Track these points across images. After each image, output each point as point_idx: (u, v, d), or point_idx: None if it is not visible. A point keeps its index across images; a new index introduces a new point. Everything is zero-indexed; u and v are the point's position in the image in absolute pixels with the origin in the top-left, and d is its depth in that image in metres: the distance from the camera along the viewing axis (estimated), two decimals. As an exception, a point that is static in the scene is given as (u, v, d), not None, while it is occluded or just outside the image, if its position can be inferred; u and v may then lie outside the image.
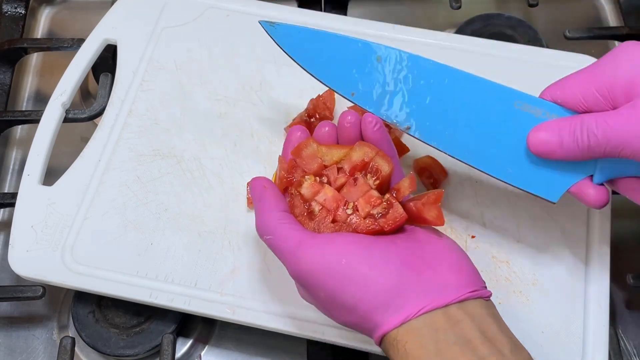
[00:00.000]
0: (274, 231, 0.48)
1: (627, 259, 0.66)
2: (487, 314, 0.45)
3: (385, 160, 0.50)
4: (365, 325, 0.46)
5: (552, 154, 0.48)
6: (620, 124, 0.45)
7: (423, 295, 0.44)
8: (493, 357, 0.43)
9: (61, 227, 0.60)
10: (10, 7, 0.81)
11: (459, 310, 0.45)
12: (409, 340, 0.44)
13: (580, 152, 0.47)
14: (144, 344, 0.60)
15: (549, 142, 0.48)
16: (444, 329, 0.44)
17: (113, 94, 0.67)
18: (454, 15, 0.80)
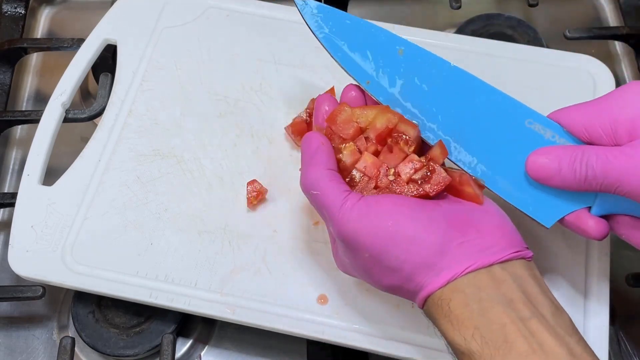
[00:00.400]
0: (322, 187, 0.48)
1: (627, 258, 0.66)
2: (529, 275, 0.46)
3: (410, 125, 0.51)
4: (409, 287, 0.47)
5: (548, 180, 0.49)
6: (620, 161, 0.46)
7: (468, 255, 0.46)
8: (535, 319, 0.43)
9: (61, 227, 0.60)
10: (10, 7, 0.81)
11: (503, 270, 0.45)
12: (453, 299, 0.45)
13: (577, 182, 0.47)
14: (144, 344, 0.60)
15: (547, 167, 0.49)
16: (488, 288, 0.45)
17: (113, 94, 0.67)
18: (454, 15, 0.80)
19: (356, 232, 0.47)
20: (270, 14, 0.71)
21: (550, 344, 0.42)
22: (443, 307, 0.45)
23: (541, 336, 0.43)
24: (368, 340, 0.56)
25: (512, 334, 0.43)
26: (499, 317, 0.43)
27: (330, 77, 0.67)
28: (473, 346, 0.43)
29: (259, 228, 0.60)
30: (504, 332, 0.43)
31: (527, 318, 0.43)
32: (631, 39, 0.77)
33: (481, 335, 0.43)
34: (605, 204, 0.49)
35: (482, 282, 0.45)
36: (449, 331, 0.45)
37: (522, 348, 0.42)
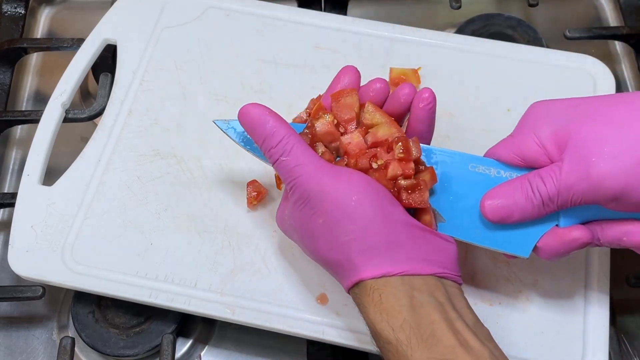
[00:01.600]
0: (291, 151, 0.49)
1: (627, 259, 0.66)
2: (458, 293, 0.48)
3: (414, 143, 0.51)
4: (347, 266, 0.48)
5: (508, 219, 0.50)
6: (563, 174, 0.47)
7: (413, 261, 0.47)
8: (460, 321, 0.45)
9: (61, 227, 0.60)
10: (10, 7, 0.81)
11: (437, 281, 0.47)
12: (385, 292, 0.46)
13: (537, 210, 0.49)
14: (144, 344, 0.60)
15: (504, 207, 0.49)
16: (420, 289, 0.46)
17: (113, 94, 0.67)
18: (454, 15, 0.80)
19: (322, 194, 0.47)
20: (270, 14, 0.71)
21: (474, 343, 0.44)
22: (374, 296, 0.46)
23: (466, 335, 0.44)
24: (368, 340, 0.55)
25: (439, 330, 0.44)
26: (428, 314, 0.45)
27: (330, 77, 0.66)
28: (401, 336, 0.44)
29: (259, 228, 0.60)
30: (432, 327, 0.44)
31: (454, 319, 0.45)
32: (631, 39, 0.77)
33: (410, 327, 0.44)
34: (570, 217, 0.50)
35: (416, 285, 0.46)
36: (377, 320, 0.46)
37: (449, 342, 0.43)
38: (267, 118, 0.50)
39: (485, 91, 0.67)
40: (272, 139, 0.49)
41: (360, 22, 0.71)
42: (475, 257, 0.59)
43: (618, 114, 0.47)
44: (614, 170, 0.45)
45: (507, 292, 0.58)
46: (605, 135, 0.46)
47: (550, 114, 0.50)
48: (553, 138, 0.49)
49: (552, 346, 0.56)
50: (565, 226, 0.50)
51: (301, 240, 0.51)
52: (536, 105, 0.52)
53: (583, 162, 0.46)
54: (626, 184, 0.45)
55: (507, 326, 0.56)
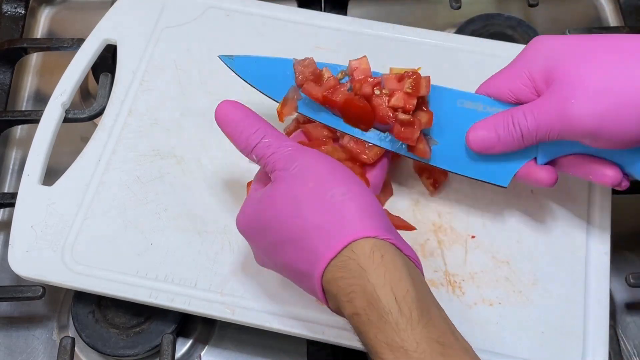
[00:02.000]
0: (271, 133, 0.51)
1: (627, 258, 0.66)
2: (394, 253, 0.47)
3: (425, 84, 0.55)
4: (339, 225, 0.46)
5: (491, 149, 0.53)
6: (543, 111, 0.51)
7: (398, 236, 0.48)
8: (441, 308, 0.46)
9: (61, 227, 0.60)
10: (10, 7, 0.81)
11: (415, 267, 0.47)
12: (386, 254, 0.45)
13: (517, 142, 0.52)
14: (144, 344, 0.60)
15: (487, 139, 0.53)
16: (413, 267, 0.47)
17: (113, 94, 0.67)
18: (454, 15, 0.80)
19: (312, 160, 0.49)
20: (270, 14, 0.71)
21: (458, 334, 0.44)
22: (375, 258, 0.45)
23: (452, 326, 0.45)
24: (368, 340, 0.56)
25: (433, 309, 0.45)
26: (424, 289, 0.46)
27: (330, 77, 0.67)
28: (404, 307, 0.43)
29: (259, 228, 0.60)
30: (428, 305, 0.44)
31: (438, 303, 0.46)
32: (631, 39, 0.77)
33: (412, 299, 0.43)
34: (547, 150, 0.54)
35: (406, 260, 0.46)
36: (379, 285, 0.44)
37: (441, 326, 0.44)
38: (240, 110, 0.52)
39: (485, 91, 0.67)
40: (250, 127, 0.51)
41: (360, 22, 0.71)
42: (475, 257, 0.59)
43: (606, 55, 0.49)
44: (589, 112, 0.48)
45: (507, 292, 0.58)
46: (587, 76, 0.49)
47: (548, 49, 0.52)
48: (544, 73, 0.51)
49: (552, 346, 0.56)
50: (542, 162, 0.54)
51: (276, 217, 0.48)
52: (537, 40, 0.54)
53: (562, 101, 0.49)
54: (600, 124, 0.48)
55: (507, 326, 0.56)
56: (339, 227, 0.46)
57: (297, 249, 0.47)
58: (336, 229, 0.46)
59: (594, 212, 0.61)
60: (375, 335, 0.43)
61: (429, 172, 0.62)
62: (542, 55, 0.52)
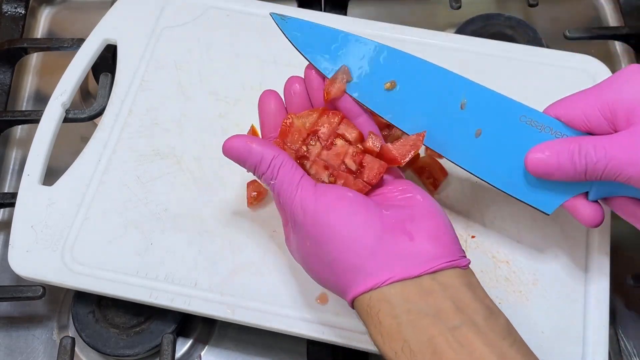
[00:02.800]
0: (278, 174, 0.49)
1: (627, 259, 0.66)
2: (461, 284, 0.46)
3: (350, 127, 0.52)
4: (340, 284, 0.47)
5: (549, 176, 0.49)
6: (617, 150, 0.46)
7: (398, 263, 0.45)
8: (465, 326, 0.43)
9: (61, 227, 0.60)
10: (10, 7, 0.81)
11: (432, 280, 0.45)
12: (382, 309, 0.45)
13: (578, 175, 0.48)
14: (144, 344, 0.60)
15: (546, 164, 0.48)
16: (415, 300, 0.44)
17: (113, 94, 0.67)
18: (454, 15, 0.80)
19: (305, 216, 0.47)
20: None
21: (481, 351, 0.42)
22: (372, 316, 0.45)
23: (471, 345, 0.43)
24: (368, 340, 0.55)
25: (440, 345, 0.43)
26: (427, 329, 0.43)
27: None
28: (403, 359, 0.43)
29: (259, 228, 0.60)
30: (433, 343, 0.43)
31: (457, 327, 0.43)
32: (631, 39, 0.77)
33: (410, 350, 0.43)
34: (602, 188, 0.50)
35: (409, 294, 0.45)
36: (379, 343, 0.45)
37: (451, 358, 0.42)
38: (250, 146, 0.50)
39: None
40: (261, 165, 0.50)
41: (360, 22, 0.71)
42: (476, 257, 0.59)
43: None
44: None
45: (507, 292, 0.58)
46: None
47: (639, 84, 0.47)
48: (628, 110, 0.46)
49: (552, 346, 0.56)
50: (593, 198, 0.50)
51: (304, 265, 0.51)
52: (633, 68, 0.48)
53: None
54: None
55: (507, 326, 0.56)
56: (340, 286, 0.47)
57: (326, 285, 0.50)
58: (338, 287, 0.48)
59: (594, 212, 0.61)
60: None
61: (429, 172, 0.62)
62: (634, 89, 0.47)
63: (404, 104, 0.53)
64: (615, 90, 0.47)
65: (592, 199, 0.51)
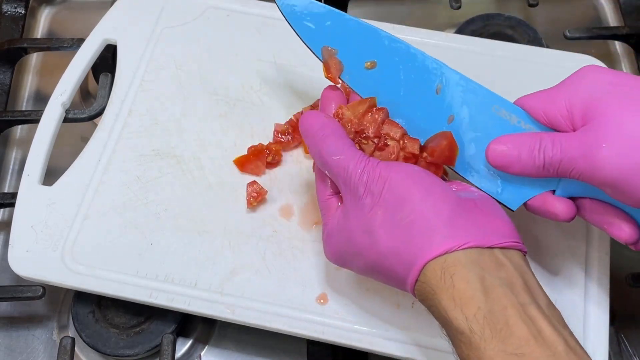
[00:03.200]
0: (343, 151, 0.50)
1: (627, 259, 0.66)
2: (525, 265, 0.47)
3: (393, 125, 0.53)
4: (410, 252, 0.47)
5: (508, 168, 0.50)
6: (571, 146, 0.47)
7: (472, 232, 0.46)
8: (532, 305, 0.44)
9: (61, 227, 0.60)
10: (10, 7, 0.81)
11: (503, 255, 0.46)
12: (456, 272, 0.45)
13: (536, 170, 0.49)
14: (144, 344, 0.60)
15: (507, 155, 0.50)
16: (490, 268, 0.45)
17: (113, 94, 0.67)
18: (454, 15, 0.80)
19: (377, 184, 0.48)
20: (270, 14, 0.71)
21: (548, 333, 0.43)
22: (445, 279, 0.45)
23: (540, 323, 0.43)
24: (368, 340, 0.56)
25: (512, 317, 0.43)
26: (500, 299, 0.44)
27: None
28: (475, 326, 0.43)
29: (259, 228, 0.60)
30: (505, 315, 0.43)
31: (527, 304, 0.44)
32: (631, 39, 0.77)
33: (484, 316, 0.43)
34: (568, 187, 0.51)
35: (484, 262, 0.45)
36: (450, 308, 0.44)
37: (522, 333, 0.42)
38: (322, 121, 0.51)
39: (485, 91, 0.67)
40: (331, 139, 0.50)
41: (360, 22, 0.71)
42: (475, 257, 0.59)
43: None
44: (617, 161, 0.45)
45: (507, 292, 0.58)
46: (627, 124, 0.45)
47: (594, 82, 0.48)
48: (583, 106, 0.48)
49: (552, 346, 0.56)
50: (559, 195, 0.51)
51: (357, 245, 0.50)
52: (586, 69, 0.50)
53: (592, 143, 0.46)
54: (625, 178, 0.45)
55: (507, 326, 0.56)
56: (410, 253, 0.47)
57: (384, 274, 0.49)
58: (408, 255, 0.47)
59: (594, 212, 0.61)
60: (456, 350, 0.45)
61: None
62: (587, 89, 0.48)
63: (383, 84, 0.54)
64: (570, 91, 0.49)
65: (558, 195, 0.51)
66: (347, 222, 0.50)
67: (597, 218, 0.51)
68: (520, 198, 0.52)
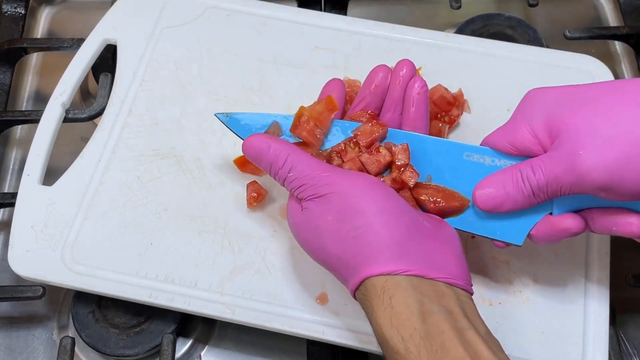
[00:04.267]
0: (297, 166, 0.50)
1: (627, 259, 0.66)
2: (470, 302, 0.48)
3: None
4: (355, 262, 0.47)
5: (499, 208, 0.50)
6: (550, 165, 0.47)
7: (421, 260, 0.46)
8: (471, 330, 0.44)
9: (61, 227, 0.60)
10: (10, 7, 0.81)
11: (448, 288, 0.47)
12: (396, 295, 0.45)
13: (527, 200, 0.49)
14: (144, 344, 0.60)
15: (495, 196, 0.50)
16: (430, 297, 0.45)
17: (113, 94, 0.67)
18: (454, 15, 0.80)
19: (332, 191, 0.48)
20: (270, 14, 0.71)
21: (486, 354, 0.43)
22: (384, 299, 0.45)
23: (478, 347, 0.43)
24: (368, 340, 0.56)
25: (449, 339, 0.43)
26: (437, 323, 0.44)
27: (330, 77, 0.66)
28: (411, 346, 0.44)
29: (259, 228, 0.60)
30: (442, 338, 0.43)
31: (466, 328, 0.44)
32: (631, 39, 0.77)
33: (420, 337, 0.44)
34: (562, 206, 0.50)
35: (425, 289, 0.46)
36: (386, 327, 0.45)
37: (459, 354, 0.43)
38: (268, 144, 0.51)
39: (485, 91, 0.67)
40: (277, 162, 0.51)
41: (360, 22, 0.71)
42: (476, 257, 0.59)
43: (609, 102, 0.46)
44: (600, 164, 0.45)
45: (507, 292, 0.58)
46: (594, 126, 0.45)
47: (545, 102, 0.49)
48: (546, 127, 0.48)
49: (552, 346, 0.56)
50: (558, 214, 0.50)
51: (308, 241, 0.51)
52: (531, 93, 0.51)
53: (570, 154, 0.46)
54: (612, 176, 0.45)
55: (507, 326, 0.56)
56: (354, 263, 0.47)
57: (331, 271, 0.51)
58: (352, 264, 0.47)
59: (594, 212, 0.61)
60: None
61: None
62: (540, 109, 0.49)
63: None
64: (527, 116, 0.50)
65: None
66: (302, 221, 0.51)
67: (602, 224, 0.50)
68: (522, 231, 0.51)
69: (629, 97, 0.46)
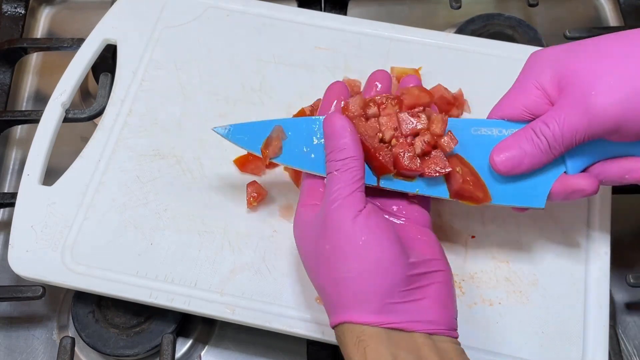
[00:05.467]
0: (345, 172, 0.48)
1: (627, 259, 0.66)
2: (452, 350, 0.46)
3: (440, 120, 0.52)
4: (337, 302, 0.47)
5: (519, 167, 0.50)
6: (564, 113, 0.48)
7: (403, 315, 0.46)
8: None
9: (61, 227, 0.60)
10: (10, 7, 0.81)
11: (427, 339, 0.46)
12: (371, 346, 0.45)
13: (545, 154, 0.50)
14: (144, 344, 0.60)
15: (512, 157, 0.50)
16: (407, 349, 0.45)
17: (113, 94, 0.67)
18: (454, 15, 0.80)
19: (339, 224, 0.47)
20: (270, 14, 0.71)
21: None
22: (359, 348, 0.45)
23: None
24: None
25: None
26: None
27: (330, 77, 0.67)
28: None
29: (259, 228, 0.60)
30: None
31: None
32: (631, 39, 0.77)
33: None
34: (576, 160, 0.51)
35: (401, 342, 0.45)
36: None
37: None
38: (345, 133, 0.49)
39: (485, 91, 0.66)
40: (338, 154, 0.49)
41: (360, 22, 0.71)
42: (475, 257, 0.59)
43: (615, 47, 0.48)
44: (613, 100, 0.46)
45: (507, 292, 0.58)
46: (603, 69, 0.47)
47: (550, 58, 0.51)
48: (554, 80, 0.50)
49: (552, 346, 0.56)
50: (573, 173, 0.51)
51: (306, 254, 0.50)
52: (534, 55, 0.53)
53: (582, 98, 0.47)
54: (625, 112, 0.46)
55: (507, 326, 0.56)
56: (337, 303, 0.47)
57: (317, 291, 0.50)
58: (333, 304, 0.47)
59: (594, 213, 0.61)
60: None
61: None
62: (547, 65, 0.51)
63: None
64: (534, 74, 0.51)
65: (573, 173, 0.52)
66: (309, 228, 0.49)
67: (615, 173, 0.51)
68: (542, 193, 0.52)
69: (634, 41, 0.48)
